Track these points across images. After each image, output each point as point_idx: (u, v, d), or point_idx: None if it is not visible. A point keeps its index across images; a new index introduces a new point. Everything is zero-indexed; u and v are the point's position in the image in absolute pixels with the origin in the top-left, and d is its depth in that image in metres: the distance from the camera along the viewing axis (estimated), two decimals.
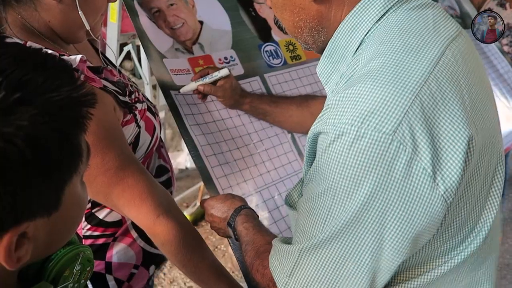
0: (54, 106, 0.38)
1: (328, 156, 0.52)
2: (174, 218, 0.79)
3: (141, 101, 0.91)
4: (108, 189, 0.76)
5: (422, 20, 0.57)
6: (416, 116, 0.49)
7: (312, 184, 0.57)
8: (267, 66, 1.28)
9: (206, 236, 2.35)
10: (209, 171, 1.04)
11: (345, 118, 0.50)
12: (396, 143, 0.48)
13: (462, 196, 0.54)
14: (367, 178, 0.50)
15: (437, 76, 0.52)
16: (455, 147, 0.50)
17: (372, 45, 0.57)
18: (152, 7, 1.12)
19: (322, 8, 0.60)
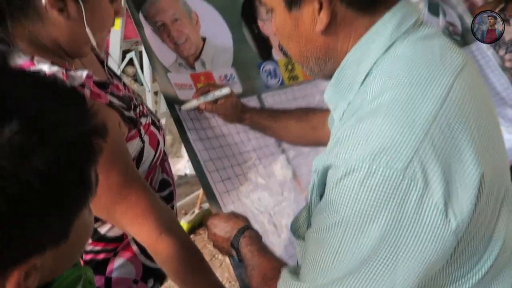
0: (69, 143, 0.38)
1: (339, 191, 0.53)
2: (176, 236, 0.79)
3: (145, 115, 0.91)
4: (112, 206, 0.76)
5: (429, 51, 0.57)
6: (427, 153, 0.50)
7: (322, 216, 0.57)
8: (264, 86, 1.29)
9: (203, 244, 2.35)
10: (211, 186, 1.04)
11: (357, 154, 0.51)
12: (407, 180, 0.49)
13: (472, 229, 0.54)
14: (379, 214, 0.50)
15: (446, 112, 0.52)
16: (467, 184, 0.51)
17: (380, 77, 0.57)
18: (157, 20, 1.13)
19: (329, 39, 0.61)
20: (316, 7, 0.58)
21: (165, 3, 1.15)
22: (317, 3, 0.57)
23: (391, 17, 0.58)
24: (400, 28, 0.58)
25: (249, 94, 1.24)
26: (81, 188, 0.42)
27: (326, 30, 0.59)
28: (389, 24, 0.58)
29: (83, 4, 0.73)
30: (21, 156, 0.35)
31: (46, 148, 0.36)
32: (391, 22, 0.58)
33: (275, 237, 1.10)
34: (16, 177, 0.34)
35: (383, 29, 0.58)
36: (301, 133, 1.15)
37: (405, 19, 0.59)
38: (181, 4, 1.19)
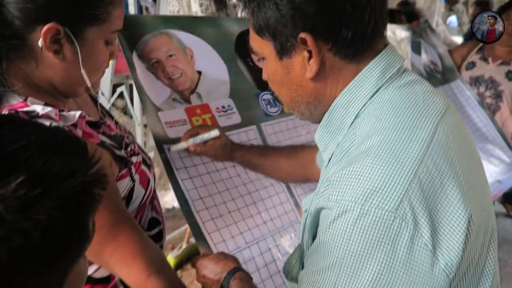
0: (70, 195, 0.38)
1: (332, 232, 0.54)
2: (165, 278, 0.77)
3: (136, 154, 0.90)
4: (100, 247, 0.74)
5: (413, 97, 0.61)
6: (416, 193, 0.51)
7: (315, 258, 0.58)
8: (264, 115, 1.30)
9: (191, 280, 2.29)
10: (200, 226, 1.03)
11: (348, 195, 0.53)
12: (398, 220, 0.51)
13: (463, 268, 0.56)
14: (372, 255, 0.51)
15: (432, 154, 0.55)
16: (455, 225, 0.53)
17: (368, 120, 0.60)
18: (152, 58, 1.14)
19: (318, 85, 0.64)
20: (306, 55, 0.61)
21: (159, 41, 1.17)
22: (306, 52, 0.60)
23: (376, 64, 0.62)
24: (385, 75, 0.62)
25: (248, 124, 1.25)
26: (80, 239, 0.42)
27: (316, 77, 0.62)
28: (374, 71, 0.61)
29: (79, 46, 0.74)
30: (24, 208, 0.35)
31: (47, 201, 0.36)
32: (377, 70, 0.61)
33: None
34: (18, 229, 0.34)
35: (369, 75, 0.62)
36: (291, 170, 1.16)
37: (389, 67, 0.62)
38: (175, 41, 1.21)
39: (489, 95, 2.29)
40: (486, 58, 2.32)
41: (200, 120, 1.17)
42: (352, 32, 0.58)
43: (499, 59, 2.29)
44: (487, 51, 2.34)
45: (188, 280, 2.29)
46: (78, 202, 0.40)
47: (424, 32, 2.32)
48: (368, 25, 0.59)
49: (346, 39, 0.58)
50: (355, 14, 0.57)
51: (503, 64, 2.28)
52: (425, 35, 2.31)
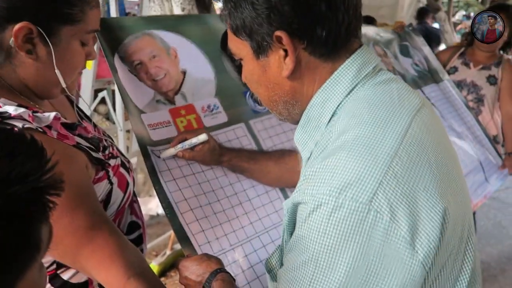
0: (18, 202, 0.36)
1: (308, 226, 0.54)
2: (146, 281, 0.75)
3: (115, 157, 0.89)
4: (77, 250, 0.72)
5: (388, 94, 0.62)
6: (391, 185, 0.52)
7: (293, 254, 0.58)
8: (252, 112, 1.28)
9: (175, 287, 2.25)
10: (184, 228, 1.01)
11: (323, 189, 0.53)
12: (373, 212, 0.51)
13: (440, 261, 0.56)
14: (347, 247, 0.51)
15: (406, 147, 0.55)
16: (432, 218, 0.53)
17: (344, 117, 0.61)
18: (134, 60, 1.12)
19: (295, 83, 0.65)
20: (282, 54, 0.62)
21: (141, 42, 1.15)
22: (282, 51, 0.61)
23: (351, 63, 0.63)
24: (360, 73, 0.63)
25: (235, 122, 1.23)
26: (28, 249, 0.39)
27: (292, 75, 0.63)
28: (350, 70, 0.63)
29: (53, 46, 0.73)
30: None
31: None
32: (352, 68, 0.63)
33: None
34: None
35: (345, 74, 0.63)
36: (280, 175, 1.16)
37: (365, 65, 0.63)
38: (159, 41, 1.19)
39: (471, 99, 2.33)
40: (468, 63, 2.36)
41: (184, 121, 1.15)
42: (327, 31, 0.59)
43: (480, 64, 2.33)
44: (468, 56, 2.37)
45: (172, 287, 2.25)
46: (27, 209, 0.37)
47: (409, 35, 2.34)
48: (342, 25, 0.60)
49: (321, 38, 0.60)
50: (329, 14, 0.59)
51: (484, 69, 2.31)
52: (410, 39, 2.34)
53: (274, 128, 1.28)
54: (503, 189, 3.72)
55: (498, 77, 2.28)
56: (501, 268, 2.66)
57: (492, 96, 2.30)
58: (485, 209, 3.35)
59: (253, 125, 1.26)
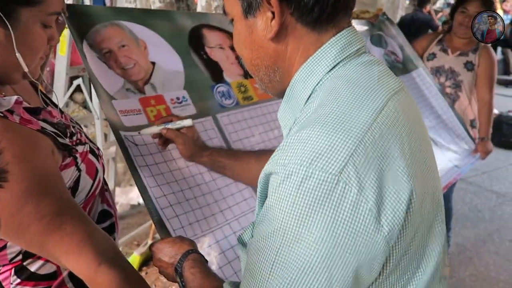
0: None
1: (278, 196, 0.54)
2: (117, 266, 0.75)
3: (83, 143, 0.88)
4: (44, 238, 0.71)
5: (368, 74, 0.62)
6: (361, 159, 0.52)
7: (262, 225, 0.57)
8: (219, 106, 1.29)
9: (156, 277, 2.25)
10: (159, 212, 1.02)
11: (295, 158, 0.53)
12: (342, 184, 0.51)
13: (406, 240, 0.57)
14: (315, 217, 0.52)
15: (379, 124, 0.56)
16: (398, 195, 0.54)
17: (322, 94, 0.61)
18: (103, 48, 1.11)
19: (278, 48, 0.65)
20: (269, 16, 0.62)
21: (110, 32, 1.15)
22: (270, 13, 0.62)
23: (336, 41, 0.63)
24: (344, 52, 0.63)
25: (203, 115, 1.24)
26: None
27: (276, 38, 0.64)
28: (334, 47, 0.63)
29: (12, 28, 0.71)
30: None
31: None
32: (336, 46, 0.63)
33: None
34: None
35: (328, 51, 0.63)
36: (260, 173, 1.15)
37: (349, 45, 0.64)
38: (127, 32, 1.18)
39: (449, 85, 2.36)
40: (446, 49, 2.39)
41: (154, 111, 1.15)
42: (314, 0, 0.60)
43: (458, 50, 2.35)
44: (446, 43, 2.40)
45: (153, 277, 2.26)
46: None
47: (383, 24, 2.35)
48: None
49: (308, 4, 0.60)
50: None
51: (461, 55, 2.34)
52: (385, 27, 2.35)
53: (239, 122, 1.31)
54: (479, 174, 3.82)
55: (475, 63, 2.32)
56: (476, 251, 2.74)
57: (470, 82, 2.33)
58: (461, 193, 3.43)
59: (220, 118, 1.27)
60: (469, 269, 2.56)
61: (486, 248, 2.76)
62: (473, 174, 3.72)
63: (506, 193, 3.53)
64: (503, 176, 3.85)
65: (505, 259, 2.64)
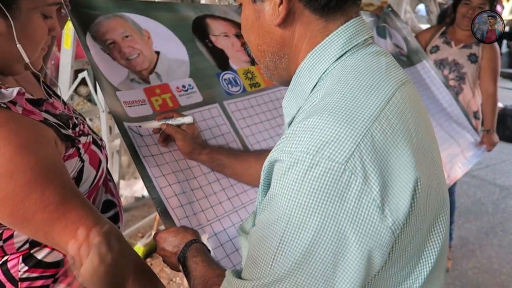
0: None
1: (283, 184, 0.54)
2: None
3: (86, 134, 0.88)
4: (49, 227, 0.72)
5: (376, 64, 0.62)
6: (367, 149, 0.52)
7: (265, 213, 0.57)
8: (226, 94, 1.29)
9: (161, 268, 2.27)
10: (164, 202, 1.03)
11: (301, 146, 0.53)
12: (348, 173, 0.51)
13: (410, 231, 0.57)
14: (320, 206, 0.51)
15: (387, 114, 0.56)
16: (403, 185, 0.53)
17: (329, 82, 0.61)
18: (107, 39, 1.12)
19: (285, 34, 0.65)
20: (277, 1, 0.62)
21: (114, 23, 1.15)
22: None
23: (344, 30, 0.63)
24: (351, 41, 0.63)
25: (210, 102, 1.24)
26: None
27: (283, 24, 0.63)
28: (342, 36, 0.63)
29: (12, 19, 0.71)
30: None
31: None
32: (344, 35, 0.63)
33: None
34: None
35: (336, 40, 0.63)
36: (260, 172, 1.15)
37: (357, 34, 0.63)
38: (130, 23, 1.19)
39: (453, 77, 2.35)
40: (449, 41, 2.38)
41: (160, 100, 1.16)
42: None
43: (461, 42, 2.35)
44: (449, 35, 2.39)
45: (158, 268, 2.28)
46: None
47: (388, 16, 2.35)
48: None
49: None
50: None
51: (465, 47, 2.34)
52: (389, 20, 2.34)
53: (247, 110, 1.30)
54: (483, 167, 3.81)
55: (478, 55, 2.31)
56: (479, 244, 2.74)
57: (473, 74, 2.33)
58: (465, 187, 3.43)
59: (227, 106, 1.27)
60: (471, 261, 2.56)
61: (488, 241, 2.76)
62: (477, 168, 3.71)
63: (510, 186, 3.52)
64: (507, 170, 3.84)
65: (508, 252, 2.65)
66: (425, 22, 6.42)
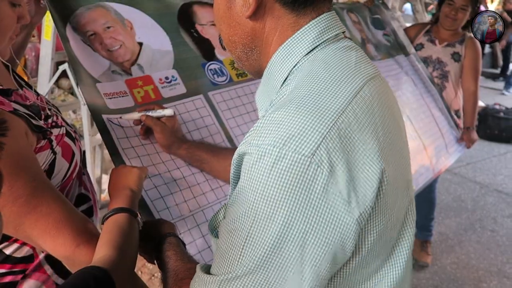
0: None
1: (250, 177, 0.54)
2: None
3: (59, 126, 0.86)
4: (19, 219, 0.70)
5: (346, 58, 0.63)
6: (334, 141, 0.53)
7: (234, 206, 0.58)
8: (211, 84, 1.28)
9: (143, 263, 2.26)
10: (142, 195, 1.01)
11: (268, 139, 0.53)
12: (314, 166, 0.51)
13: (378, 224, 0.57)
14: (286, 199, 0.52)
15: (354, 108, 0.56)
16: (369, 177, 0.54)
17: (299, 76, 0.62)
18: (88, 30, 1.10)
19: (256, 26, 0.65)
20: None
21: (95, 13, 1.13)
22: None
23: (315, 24, 0.63)
24: (322, 36, 0.63)
25: (194, 94, 1.22)
26: None
27: (254, 16, 0.63)
28: (312, 31, 0.63)
29: None
30: None
31: None
32: (315, 29, 0.63)
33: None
34: None
35: (307, 34, 0.63)
36: None
37: (328, 29, 0.64)
38: (113, 13, 1.17)
39: (436, 75, 2.39)
40: (433, 40, 2.42)
41: (142, 92, 1.15)
42: None
43: (445, 41, 2.39)
44: (433, 34, 2.43)
45: (140, 263, 2.26)
46: None
47: (379, 9, 2.37)
48: None
49: None
50: None
51: (448, 46, 2.38)
52: (380, 12, 2.37)
53: (233, 100, 1.29)
54: (464, 165, 3.88)
55: (462, 54, 2.35)
56: (458, 240, 2.79)
57: (456, 73, 2.37)
58: (446, 184, 3.49)
59: (212, 97, 1.26)
60: (450, 257, 2.61)
61: (467, 237, 2.82)
62: (458, 165, 3.78)
63: (489, 184, 3.60)
64: (487, 168, 3.92)
65: (486, 248, 2.71)
66: (411, 21, 6.49)
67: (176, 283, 0.69)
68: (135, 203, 0.83)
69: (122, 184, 0.86)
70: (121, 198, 0.82)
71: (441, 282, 2.39)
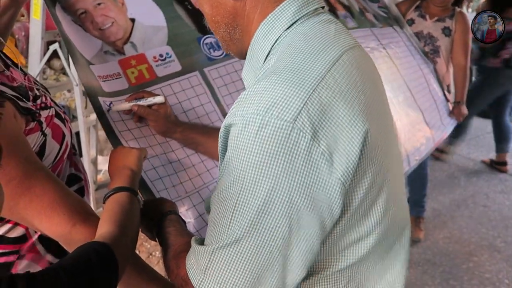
0: None
1: (236, 146, 0.56)
2: (93, 226, 0.74)
3: (48, 107, 0.85)
4: (13, 201, 0.70)
5: (325, 31, 0.65)
6: (315, 106, 0.54)
7: (223, 177, 0.59)
8: (207, 60, 1.25)
9: (140, 242, 2.28)
10: (142, 175, 1.02)
11: (251, 109, 0.55)
12: (296, 130, 0.53)
13: (363, 183, 0.59)
14: (272, 164, 0.54)
15: (333, 74, 0.58)
16: (352, 137, 0.56)
17: (280, 50, 0.64)
18: (78, 8, 1.07)
19: (237, 5, 0.66)
20: None
21: None
22: None
23: (295, 0, 0.65)
24: (302, 10, 0.65)
25: (189, 71, 1.20)
26: None
27: None
28: (292, 6, 0.65)
29: None
30: None
31: None
32: (295, 4, 0.65)
33: None
34: None
35: (287, 9, 0.65)
36: None
37: (308, 4, 0.66)
38: None
39: (428, 50, 2.39)
40: (424, 15, 2.41)
41: (135, 72, 1.13)
42: None
43: (435, 16, 2.38)
44: (423, 9, 2.43)
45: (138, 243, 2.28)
46: None
47: None
48: None
49: None
50: None
51: (439, 21, 2.38)
52: None
53: (230, 75, 1.27)
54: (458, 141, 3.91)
55: (452, 29, 2.35)
56: (450, 215, 2.84)
57: (447, 48, 2.38)
58: (440, 162, 3.53)
59: (208, 73, 1.24)
60: (443, 232, 2.66)
61: (460, 213, 2.87)
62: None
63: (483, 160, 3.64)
64: (480, 144, 3.95)
65: (477, 223, 2.76)
66: None
67: (174, 257, 0.71)
68: (135, 182, 0.84)
69: (122, 164, 0.87)
70: (121, 178, 0.83)
71: (433, 256, 2.44)
